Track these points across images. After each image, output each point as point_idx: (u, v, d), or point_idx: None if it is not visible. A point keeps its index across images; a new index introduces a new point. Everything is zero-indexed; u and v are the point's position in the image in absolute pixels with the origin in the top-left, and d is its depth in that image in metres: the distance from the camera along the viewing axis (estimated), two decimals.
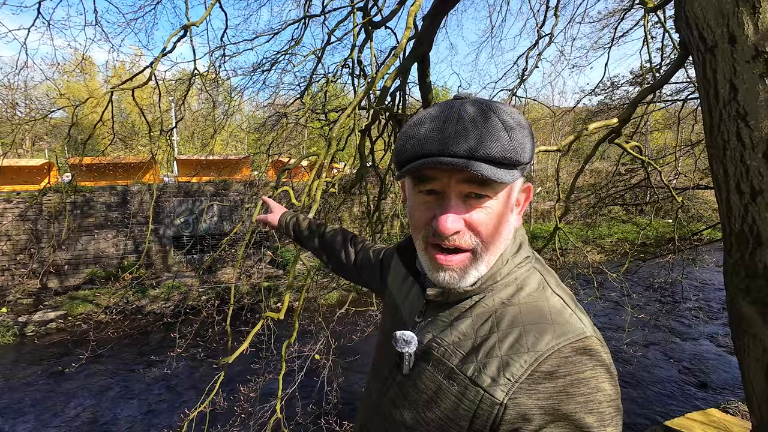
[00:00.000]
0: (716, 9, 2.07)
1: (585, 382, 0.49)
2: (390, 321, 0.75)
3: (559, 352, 0.50)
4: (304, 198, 2.33)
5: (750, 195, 1.92)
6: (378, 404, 0.69)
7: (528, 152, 0.55)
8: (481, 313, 0.58)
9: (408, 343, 0.61)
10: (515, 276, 0.59)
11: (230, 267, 11.00)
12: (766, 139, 1.88)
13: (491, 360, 0.53)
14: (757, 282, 1.88)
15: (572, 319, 0.54)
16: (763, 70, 1.91)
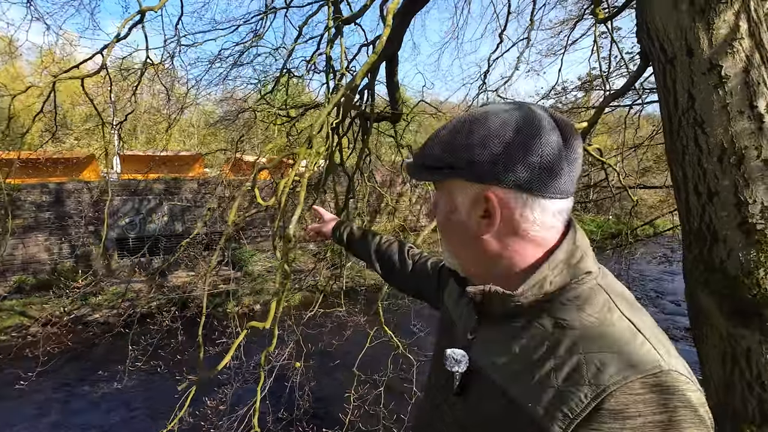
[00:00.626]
0: (675, 23, 2.23)
1: (662, 426, 0.42)
2: (444, 338, 0.73)
3: (626, 388, 0.43)
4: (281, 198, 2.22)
5: (707, 196, 2.10)
6: (429, 424, 0.67)
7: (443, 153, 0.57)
8: (535, 335, 0.53)
9: (458, 362, 0.59)
10: (575, 294, 0.52)
11: (185, 270, 10.36)
12: (720, 144, 2.06)
13: (547, 390, 0.48)
14: (715, 275, 2.06)
15: (644, 349, 0.46)
16: (717, 81, 2.09)
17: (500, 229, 0.56)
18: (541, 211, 0.54)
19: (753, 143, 2.01)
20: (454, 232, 0.61)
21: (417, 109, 6.67)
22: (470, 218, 0.57)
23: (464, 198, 0.57)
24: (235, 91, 7.10)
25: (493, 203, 0.54)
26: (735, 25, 2.09)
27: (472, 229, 0.58)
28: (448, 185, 0.60)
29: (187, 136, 21.83)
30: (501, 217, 0.55)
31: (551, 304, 0.53)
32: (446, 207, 0.61)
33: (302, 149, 2.10)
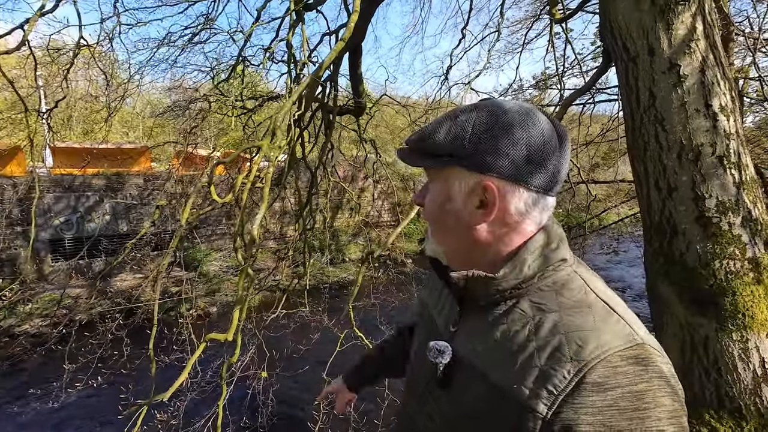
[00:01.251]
0: (638, 22, 2.29)
1: (639, 396, 0.45)
2: (425, 333, 0.73)
3: (606, 361, 0.46)
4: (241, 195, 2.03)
5: (667, 191, 2.18)
6: (415, 420, 0.67)
7: (446, 140, 0.57)
8: (516, 320, 0.55)
9: (442, 353, 0.59)
10: (553, 279, 0.56)
11: (131, 273, 9.56)
12: (679, 141, 2.15)
13: (530, 370, 0.50)
14: (675, 267, 2.16)
15: (620, 325, 0.50)
16: (676, 80, 2.17)
17: (494, 220, 0.58)
18: (531, 204, 0.58)
19: (708, 140, 2.10)
20: (445, 221, 0.61)
21: (380, 102, 6.57)
22: (465, 207, 0.59)
23: (461, 187, 0.58)
24: (185, 79, 6.60)
25: (493, 194, 0.56)
26: (692, 26, 2.17)
27: (465, 218, 0.59)
28: (446, 173, 0.60)
29: (130, 127, 20.23)
30: (497, 208, 0.57)
31: (531, 289, 0.56)
32: (440, 195, 0.61)
33: (265, 142, 1.92)
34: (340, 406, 1.10)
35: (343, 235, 13.35)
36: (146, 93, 15.12)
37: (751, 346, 1.91)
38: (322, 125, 5.81)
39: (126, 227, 10.59)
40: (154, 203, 10.09)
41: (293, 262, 7.02)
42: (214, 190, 2.34)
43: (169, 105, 7.64)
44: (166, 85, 12.85)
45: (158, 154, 17.05)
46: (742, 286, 1.94)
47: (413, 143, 0.62)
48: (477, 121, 0.56)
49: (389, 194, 15.36)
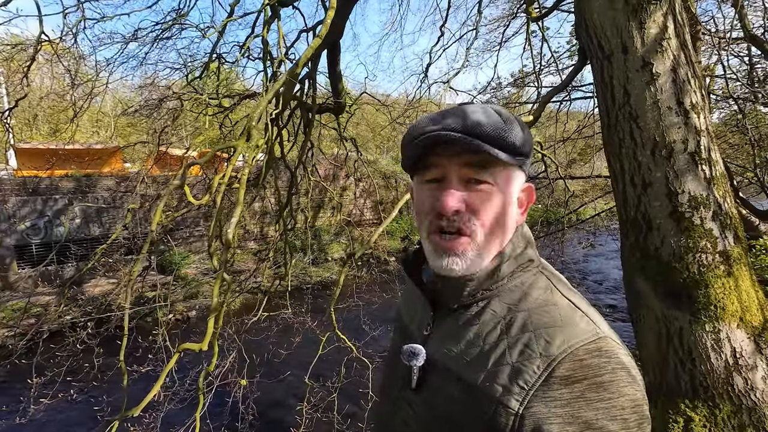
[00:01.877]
0: (612, 21, 2.32)
1: (604, 386, 0.46)
2: (399, 338, 0.73)
3: (572, 355, 0.48)
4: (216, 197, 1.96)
5: (642, 187, 2.23)
6: (390, 424, 0.66)
7: (521, 142, 0.56)
8: (488, 320, 0.56)
9: (415, 355, 0.59)
10: (521, 280, 0.58)
11: (104, 278, 9.19)
12: (652, 138, 2.19)
13: (502, 368, 0.51)
14: (650, 262, 2.20)
15: (583, 321, 0.52)
16: (649, 78, 2.21)
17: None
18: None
19: (681, 137, 2.15)
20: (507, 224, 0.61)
21: (360, 100, 6.51)
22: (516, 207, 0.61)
23: (516, 187, 0.60)
24: (157, 76, 6.36)
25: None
26: (663, 25, 2.22)
27: (516, 218, 0.61)
28: (511, 173, 0.60)
29: (101, 126, 19.46)
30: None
31: (501, 290, 0.57)
32: (506, 197, 0.60)
33: (241, 142, 1.85)
34: None
35: (325, 234, 13.23)
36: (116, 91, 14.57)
37: (723, 336, 1.97)
38: (301, 124, 5.72)
39: (98, 231, 10.18)
40: (127, 206, 9.74)
41: (274, 263, 6.90)
42: (189, 192, 2.25)
43: (140, 103, 7.36)
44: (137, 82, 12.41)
45: (131, 154, 16.46)
46: (713, 278, 2.00)
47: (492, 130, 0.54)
48: (523, 127, 0.58)
49: (371, 192, 15.32)
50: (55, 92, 6.79)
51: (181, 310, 8.76)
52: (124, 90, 14.57)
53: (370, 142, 17.16)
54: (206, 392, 3.20)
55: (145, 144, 7.63)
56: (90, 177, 10.11)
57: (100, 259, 3.59)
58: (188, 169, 1.93)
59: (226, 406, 3.89)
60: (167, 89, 6.74)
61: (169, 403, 3.37)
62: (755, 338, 1.98)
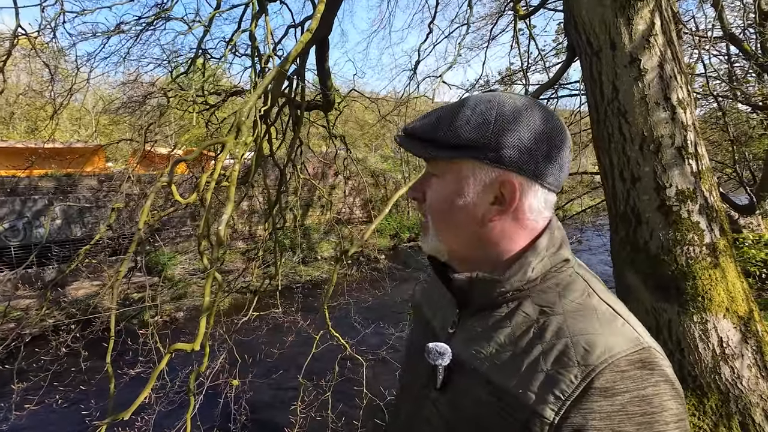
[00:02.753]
0: (600, 17, 2.34)
1: (647, 400, 0.45)
2: (420, 335, 0.70)
3: (614, 366, 0.46)
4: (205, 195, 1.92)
5: (631, 181, 2.26)
6: (410, 425, 0.65)
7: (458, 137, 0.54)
8: (520, 323, 0.54)
9: (441, 354, 0.58)
10: (556, 281, 0.55)
11: (88, 280, 8.96)
12: (640, 133, 2.22)
13: (536, 374, 0.49)
14: (639, 255, 2.24)
15: (626, 329, 0.49)
16: (637, 74, 2.24)
17: (507, 217, 0.56)
18: (543, 201, 0.57)
19: (668, 132, 2.19)
20: (454, 217, 0.58)
21: (349, 97, 6.47)
22: (480, 203, 0.56)
23: (477, 181, 0.56)
24: (140, 72, 6.22)
25: (513, 189, 0.54)
26: (650, 21, 2.25)
27: (477, 215, 0.57)
28: (458, 166, 0.57)
29: (81, 124, 18.96)
30: (515, 205, 0.55)
31: (533, 291, 0.54)
32: (451, 189, 0.58)
33: (230, 138, 1.82)
34: None
35: (314, 233, 13.15)
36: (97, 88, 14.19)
37: (710, 327, 2.02)
38: (289, 121, 5.65)
39: (80, 232, 9.92)
40: (110, 206, 9.51)
41: (263, 262, 6.83)
42: (176, 190, 2.20)
43: (123, 100, 7.18)
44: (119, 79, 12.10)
45: (113, 153, 16.07)
46: (701, 270, 2.05)
47: (421, 130, 0.58)
48: (499, 112, 0.54)
49: (360, 191, 15.28)
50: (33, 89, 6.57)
51: (168, 312, 8.61)
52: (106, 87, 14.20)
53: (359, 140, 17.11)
54: (197, 394, 3.14)
55: (130, 142, 7.45)
56: (71, 176, 9.84)
57: (83, 260, 3.49)
58: (176, 166, 1.89)
59: (218, 407, 3.83)
60: (151, 86, 6.59)
61: (158, 405, 3.30)
62: (741, 328, 2.03)
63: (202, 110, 6.24)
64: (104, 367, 2.02)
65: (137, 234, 1.90)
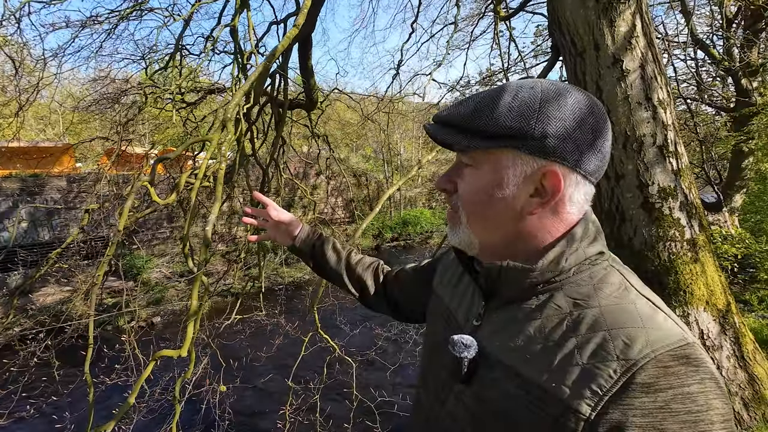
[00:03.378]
0: (584, 19, 2.39)
1: (692, 398, 0.43)
2: (442, 327, 0.68)
3: (656, 361, 0.43)
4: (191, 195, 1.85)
5: (615, 179, 2.32)
6: (435, 417, 0.62)
7: (497, 124, 0.51)
8: (551, 315, 0.51)
9: (468, 347, 0.56)
10: (590, 273, 0.52)
11: (57, 286, 8.54)
12: (624, 132, 2.28)
13: (571, 368, 0.47)
14: (624, 251, 2.30)
15: (668, 323, 0.47)
16: (620, 74, 2.30)
17: (547, 209, 0.54)
18: (583, 194, 0.54)
19: (650, 131, 2.25)
20: (492, 210, 0.56)
21: (332, 97, 6.41)
22: (519, 195, 0.54)
23: (516, 172, 0.53)
24: (112, 68, 5.96)
25: (557, 181, 0.52)
26: (632, 24, 2.31)
27: (517, 206, 0.54)
28: (497, 156, 0.54)
29: (48, 123, 18.08)
30: (558, 198, 0.53)
31: (566, 283, 0.52)
32: (488, 180, 0.55)
33: (215, 136, 1.75)
34: (257, 212, 1.03)
35: None
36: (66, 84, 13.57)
37: (692, 319, 2.09)
38: (271, 120, 5.55)
39: (48, 235, 9.45)
40: (82, 207, 9.10)
41: (245, 264, 6.68)
42: (154, 191, 2.11)
43: (95, 97, 6.88)
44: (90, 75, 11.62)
45: (84, 152, 15.40)
46: (682, 265, 2.12)
47: (459, 119, 0.55)
48: (543, 98, 0.51)
49: (342, 191, 15.20)
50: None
51: (145, 317, 8.31)
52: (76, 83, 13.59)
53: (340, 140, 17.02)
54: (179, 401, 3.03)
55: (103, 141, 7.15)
56: (38, 177, 9.36)
57: (53, 264, 3.32)
58: (158, 165, 1.81)
59: (200, 414, 3.72)
60: (125, 83, 6.35)
61: (137, 414, 3.17)
62: (720, 320, 2.10)
63: (179, 108, 6.05)
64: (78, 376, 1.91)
65: (116, 236, 1.81)
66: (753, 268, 4.69)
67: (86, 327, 2.88)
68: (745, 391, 2.00)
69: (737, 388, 2.01)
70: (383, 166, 17.74)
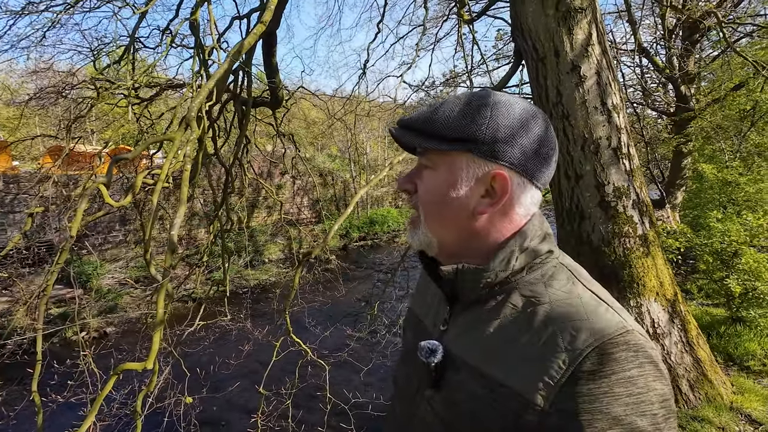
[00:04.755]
0: (544, 26, 2.50)
1: (632, 381, 0.46)
2: (412, 335, 0.70)
3: (599, 349, 0.46)
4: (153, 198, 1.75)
5: (575, 179, 2.45)
6: (408, 424, 0.63)
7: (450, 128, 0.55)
8: (509, 314, 0.54)
9: (433, 351, 0.58)
10: (541, 272, 0.56)
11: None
12: (582, 135, 2.41)
13: (526, 363, 0.50)
14: (584, 248, 2.44)
15: (609, 314, 0.50)
16: (578, 80, 2.43)
17: (498, 209, 0.57)
18: (530, 197, 0.58)
19: (605, 134, 2.39)
20: (447, 209, 0.59)
21: (297, 95, 6.29)
22: (472, 195, 0.57)
23: (469, 174, 0.57)
24: (55, 60, 5.51)
25: (505, 183, 0.56)
26: (588, 32, 2.44)
27: (469, 206, 0.57)
28: (452, 159, 0.57)
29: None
30: (506, 199, 0.56)
31: (520, 283, 0.56)
32: (444, 182, 0.58)
33: (178, 135, 1.67)
34: None
35: (261, 235, 12.63)
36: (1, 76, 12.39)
37: (644, 310, 2.25)
38: (234, 118, 5.36)
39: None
40: (21, 210, 8.35)
41: (207, 267, 6.42)
42: (107, 192, 1.98)
43: (35, 91, 6.33)
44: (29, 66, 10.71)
45: (21, 150, 14.14)
46: (635, 259, 2.27)
47: (418, 122, 0.58)
48: (495, 108, 0.55)
49: (308, 190, 14.96)
50: None
51: (95, 327, 7.77)
52: (11, 75, 12.44)
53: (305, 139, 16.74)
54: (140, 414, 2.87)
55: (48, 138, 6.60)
56: None
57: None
58: (115, 165, 1.70)
59: (161, 427, 3.53)
60: (70, 76, 5.90)
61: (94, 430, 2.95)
62: (669, 309, 2.28)
63: (131, 104, 5.70)
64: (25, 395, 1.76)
65: (67, 242, 1.68)
66: (693, 260, 5.12)
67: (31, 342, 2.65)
68: (691, 373, 2.18)
69: (684, 371, 2.18)
70: (349, 166, 17.66)
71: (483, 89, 0.60)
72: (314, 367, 2.83)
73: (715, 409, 2.08)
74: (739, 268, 3.11)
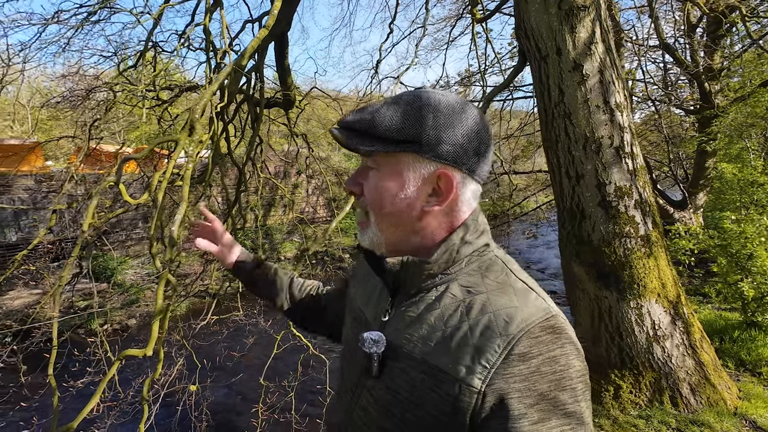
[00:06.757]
0: (547, 24, 2.49)
1: (555, 360, 0.50)
2: (353, 326, 0.72)
3: (529, 333, 0.51)
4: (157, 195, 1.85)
5: (576, 179, 2.43)
6: (349, 416, 0.66)
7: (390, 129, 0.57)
8: (448, 304, 0.57)
9: (376, 342, 0.60)
10: (478, 264, 0.60)
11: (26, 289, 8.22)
12: (584, 134, 2.39)
13: (465, 349, 0.53)
14: (584, 247, 2.41)
15: (537, 301, 0.55)
16: (580, 79, 2.41)
17: (443, 207, 0.60)
18: (470, 192, 0.61)
19: (608, 133, 2.37)
20: (395, 209, 0.61)
21: (310, 95, 6.39)
22: (419, 195, 0.59)
23: (416, 174, 0.59)
24: (82, 64, 5.78)
25: (450, 182, 0.58)
26: (591, 30, 2.42)
27: (417, 206, 0.60)
28: (397, 160, 0.59)
29: (15, 119, 17.35)
30: (451, 197, 0.59)
31: (460, 275, 0.59)
32: (391, 182, 0.60)
33: (183, 136, 1.75)
34: (200, 233, 1.03)
35: (276, 233, 12.86)
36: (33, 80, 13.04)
37: (645, 311, 2.21)
38: (248, 118, 5.50)
39: (15, 236, 9.08)
40: (51, 207, 8.79)
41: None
42: (125, 190, 2.09)
43: (64, 94, 6.65)
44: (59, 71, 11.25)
45: (53, 150, 14.85)
46: (636, 260, 2.24)
47: (360, 124, 0.60)
48: (435, 109, 0.57)
49: (323, 190, 15.12)
50: None
51: (119, 319, 8.10)
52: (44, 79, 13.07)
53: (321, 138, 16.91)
54: (153, 402, 3.01)
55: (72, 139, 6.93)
56: (4, 176, 8.98)
57: (19, 266, 3.22)
58: (124, 164, 1.80)
59: (176, 415, 3.68)
60: (95, 79, 6.17)
61: (110, 418, 3.11)
62: (671, 311, 2.23)
63: (152, 106, 5.93)
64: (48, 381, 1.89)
65: (81, 237, 1.79)
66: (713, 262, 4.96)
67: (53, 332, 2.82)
68: (692, 376, 2.13)
69: (685, 375, 2.14)
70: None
71: (417, 89, 0.62)
72: (317, 362, 2.89)
73: (717, 414, 2.02)
74: (753, 271, 3.00)
